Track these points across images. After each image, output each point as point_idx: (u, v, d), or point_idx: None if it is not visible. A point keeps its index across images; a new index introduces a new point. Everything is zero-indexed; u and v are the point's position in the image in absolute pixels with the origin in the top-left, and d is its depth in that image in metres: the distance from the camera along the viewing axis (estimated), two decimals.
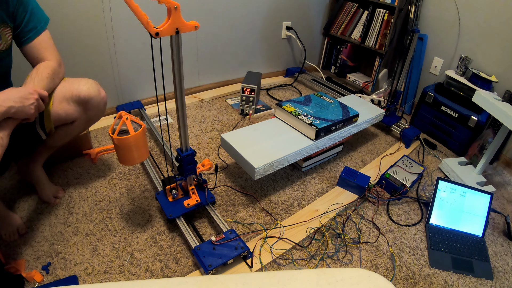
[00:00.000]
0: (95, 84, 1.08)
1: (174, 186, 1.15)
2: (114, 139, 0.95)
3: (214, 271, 0.97)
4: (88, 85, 1.05)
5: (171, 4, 0.78)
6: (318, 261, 1.09)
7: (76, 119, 1.08)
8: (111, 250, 1.05)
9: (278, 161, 1.23)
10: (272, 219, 1.24)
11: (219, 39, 2.01)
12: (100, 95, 1.09)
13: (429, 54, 2.02)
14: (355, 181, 1.36)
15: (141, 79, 1.80)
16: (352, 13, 2.31)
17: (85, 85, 1.05)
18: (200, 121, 1.80)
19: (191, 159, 1.09)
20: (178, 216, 1.12)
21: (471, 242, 1.21)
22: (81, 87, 1.04)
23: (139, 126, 0.99)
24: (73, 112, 1.06)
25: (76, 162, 1.40)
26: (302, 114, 1.40)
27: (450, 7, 1.83)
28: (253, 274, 0.53)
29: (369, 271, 0.54)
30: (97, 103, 1.09)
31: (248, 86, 1.80)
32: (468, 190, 1.32)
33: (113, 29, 1.57)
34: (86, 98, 1.05)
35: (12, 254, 1.01)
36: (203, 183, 1.19)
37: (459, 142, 1.75)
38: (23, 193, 1.22)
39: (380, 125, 1.93)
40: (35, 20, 0.97)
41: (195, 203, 1.15)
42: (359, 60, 2.49)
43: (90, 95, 1.05)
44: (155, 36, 0.78)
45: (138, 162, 1.06)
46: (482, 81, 1.65)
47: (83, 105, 1.06)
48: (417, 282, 1.05)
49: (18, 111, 0.84)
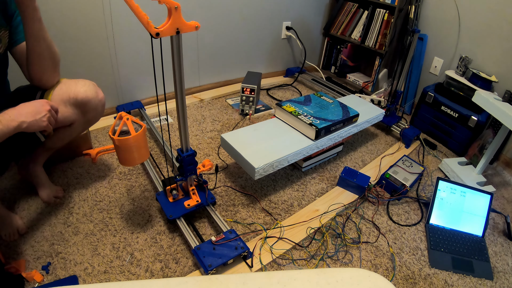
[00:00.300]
0: (93, 86, 1.06)
1: (174, 187, 1.15)
2: (115, 140, 0.95)
3: (214, 271, 0.97)
4: (86, 87, 1.04)
5: (172, 4, 0.77)
6: (318, 261, 1.09)
7: (74, 121, 1.07)
8: (111, 250, 1.05)
9: (278, 161, 1.23)
10: (272, 219, 1.24)
11: (219, 39, 2.01)
12: (98, 97, 1.07)
13: (429, 54, 2.02)
14: (355, 181, 1.36)
15: (141, 79, 1.80)
16: (352, 13, 2.31)
17: (83, 87, 1.03)
18: (200, 121, 1.80)
19: (191, 160, 1.09)
20: (178, 216, 1.12)
21: (471, 242, 1.21)
22: (79, 89, 1.02)
23: (140, 127, 0.99)
24: (71, 115, 1.04)
25: (76, 162, 1.40)
26: (302, 114, 1.40)
27: (450, 7, 1.83)
28: (253, 274, 0.53)
29: (369, 271, 0.54)
30: (95, 105, 1.07)
31: (248, 86, 1.80)
32: (468, 190, 1.32)
33: (113, 29, 1.57)
34: (84, 100, 1.03)
35: (12, 254, 1.01)
36: (204, 183, 1.19)
37: (459, 142, 1.75)
38: (23, 193, 1.22)
39: (380, 125, 1.93)
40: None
41: (195, 203, 1.15)
42: (359, 60, 2.49)
43: (87, 97, 1.03)
44: (155, 37, 0.78)
45: (139, 163, 1.06)
46: (482, 81, 1.65)
47: (81, 108, 1.05)
48: (417, 282, 1.05)
49: (31, 125, 0.84)
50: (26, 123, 0.83)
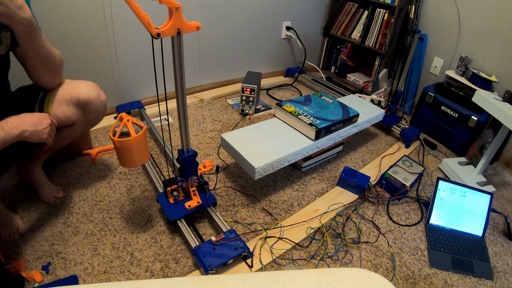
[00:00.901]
0: (95, 87, 1.07)
1: (175, 188, 1.15)
2: (115, 142, 0.94)
3: (214, 271, 0.97)
4: (88, 88, 1.04)
5: (173, 5, 0.77)
6: (318, 261, 1.09)
7: (75, 121, 1.07)
8: (111, 250, 1.05)
9: (278, 161, 1.23)
10: (272, 219, 1.24)
11: (219, 39, 2.01)
12: (100, 98, 1.08)
13: (429, 54, 2.02)
14: (355, 181, 1.36)
15: (141, 79, 1.80)
16: (352, 13, 2.31)
17: (85, 87, 1.04)
18: (200, 121, 1.80)
19: (192, 160, 1.08)
20: (179, 218, 1.11)
21: (471, 242, 1.21)
22: (81, 90, 1.03)
23: (140, 128, 0.98)
24: (72, 115, 1.05)
25: (76, 162, 1.40)
26: (302, 114, 1.40)
27: (450, 7, 1.83)
28: (253, 274, 0.53)
29: (369, 271, 0.54)
30: (97, 106, 1.08)
31: (248, 86, 1.80)
32: (468, 190, 1.32)
33: (114, 29, 1.57)
34: (86, 101, 1.04)
35: (12, 254, 1.01)
36: (205, 184, 1.19)
37: (459, 142, 1.75)
38: (23, 193, 1.22)
39: (380, 125, 1.93)
40: None
41: (196, 204, 1.15)
42: (359, 60, 2.49)
43: (89, 98, 1.04)
44: (156, 37, 0.77)
45: (139, 165, 1.05)
46: (482, 81, 1.65)
47: (83, 108, 1.05)
48: (417, 282, 1.05)
49: (32, 135, 0.86)
50: (28, 132, 0.85)
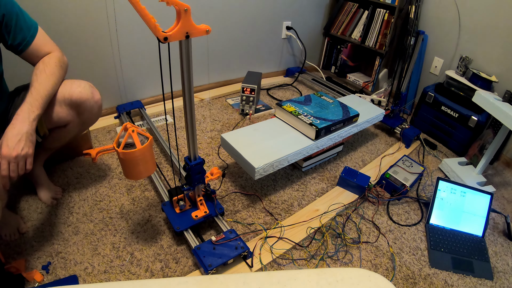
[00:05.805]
0: (88, 86, 1.03)
1: (181, 197, 1.10)
2: (120, 153, 0.88)
3: (214, 271, 0.97)
4: (81, 88, 1.01)
5: (181, 6, 0.71)
6: (318, 261, 1.09)
7: (69, 122, 1.05)
8: (111, 250, 1.05)
9: (278, 161, 1.23)
10: (272, 219, 1.24)
11: (219, 39, 2.01)
12: (94, 98, 1.04)
13: (429, 54, 2.02)
14: (355, 181, 1.36)
15: (142, 79, 1.80)
16: (352, 13, 2.31)
17: (78, 87, 1.01)
18: (200, 121, 1.80)
19: (200, 168, 1.03)
20: (186, 228, 1.08)
21: (471, 242, 1.21)
22: (74, 89, 1.00)
23: (146, 139, 0.92)
24: (66, 116, 1.02)
25: (76, 162, 1.40)
26: (302, 114, 1.40)
27: (450, 7, 1.83)
28: (253, 274, 0.53)
29: (369, 271, 0.54)
30: (90, 107, 1.04)
31: (248, 86, 1.80)
32: (468, 190, 1.32)
33: (117, 30, 1.57)
34: (78, 101, 1.01)
35: (12, 254, 1.01)
36: (212, 193, 1.15)
37: (459, 142, 1.75)
38: (23, 193, 1.22)
39: (382, 126, 1.93)
40: (22, 33, 0.90)
41: (203, 214, 1.11)
42: (359, 60, 2.49)
43: (82, 98, 1.01)
44: (163, 41, 0.72)
45: (145, 177, 0.99)
46: (482, 81, 1.65)
47: (76, 108, 1.03)
48: (417, 282, 1.05)
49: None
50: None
